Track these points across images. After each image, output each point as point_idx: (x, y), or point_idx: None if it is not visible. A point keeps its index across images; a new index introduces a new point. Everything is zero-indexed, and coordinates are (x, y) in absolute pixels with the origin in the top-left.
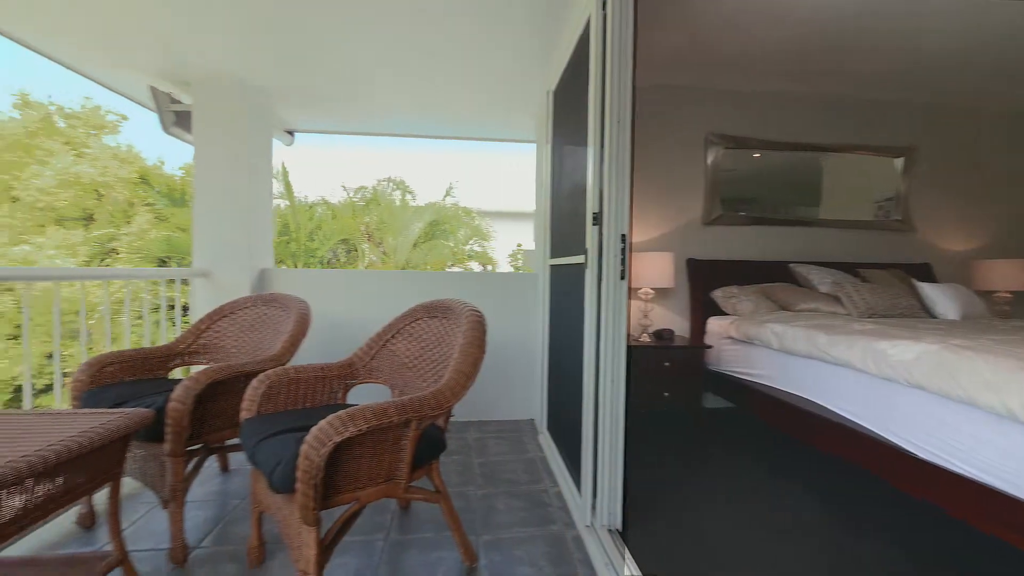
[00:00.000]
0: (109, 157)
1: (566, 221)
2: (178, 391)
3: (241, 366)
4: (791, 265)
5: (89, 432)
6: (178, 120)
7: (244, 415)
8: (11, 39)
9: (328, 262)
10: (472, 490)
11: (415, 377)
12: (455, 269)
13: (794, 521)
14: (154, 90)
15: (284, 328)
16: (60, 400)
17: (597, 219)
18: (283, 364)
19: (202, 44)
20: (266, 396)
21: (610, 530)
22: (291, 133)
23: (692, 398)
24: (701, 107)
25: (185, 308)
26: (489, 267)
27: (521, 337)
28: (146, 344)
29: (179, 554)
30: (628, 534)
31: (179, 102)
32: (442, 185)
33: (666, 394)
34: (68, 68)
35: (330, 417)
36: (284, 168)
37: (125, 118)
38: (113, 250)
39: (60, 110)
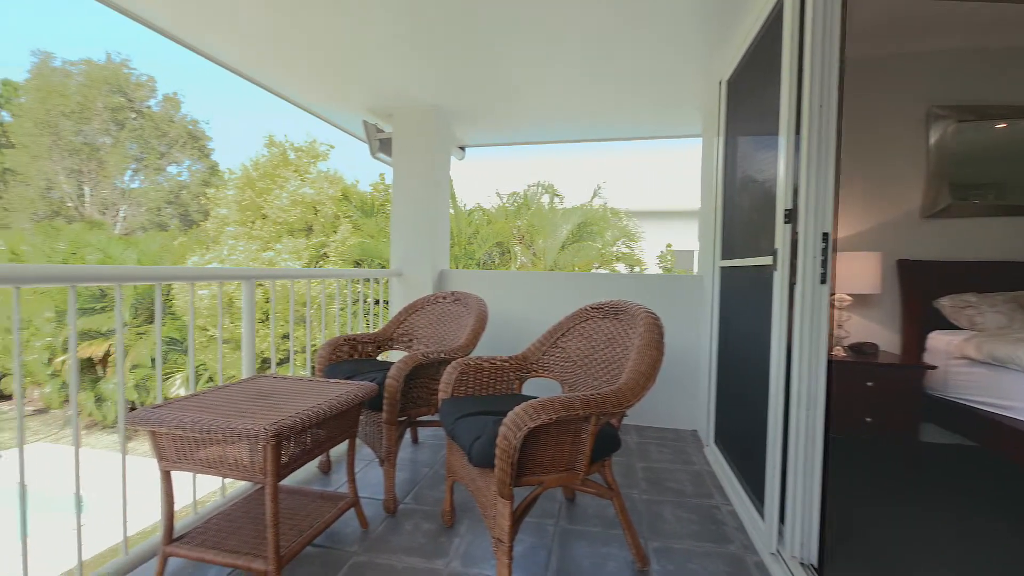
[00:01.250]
0: (322, 180)
1: (743, 219)
2: (392, 370)
3: (437, 353)
4: None
5: (342, 396)
6: (381, 146)
7: (441, 396)
8: (258, 85)
9: (483, 264)
10: (636, 493)
11: (585, 375)
12: (601, 271)
13: None
14: (365, 123)
15: (465, 322)
16: (293, 369)
17: (790, 216)
18: (467, 354)
19: (403, 80)
20: (458, 381)
21: (803, 563)
22: (463, 148)
23: (904, 427)
24: (920, 76)
25: (377, 301)
26: (636, 269)
27: (683, 343)
28: (348, 331)
29: (391, 505)
30: (825, 571)
31: (382, 131)
32: (589, 187)
33: (868, 420)
34: (301, 108)
35: (524, 405)
36: (450, 180)
37: (332, 147)
38: (324, 254)
39: (292, 145)
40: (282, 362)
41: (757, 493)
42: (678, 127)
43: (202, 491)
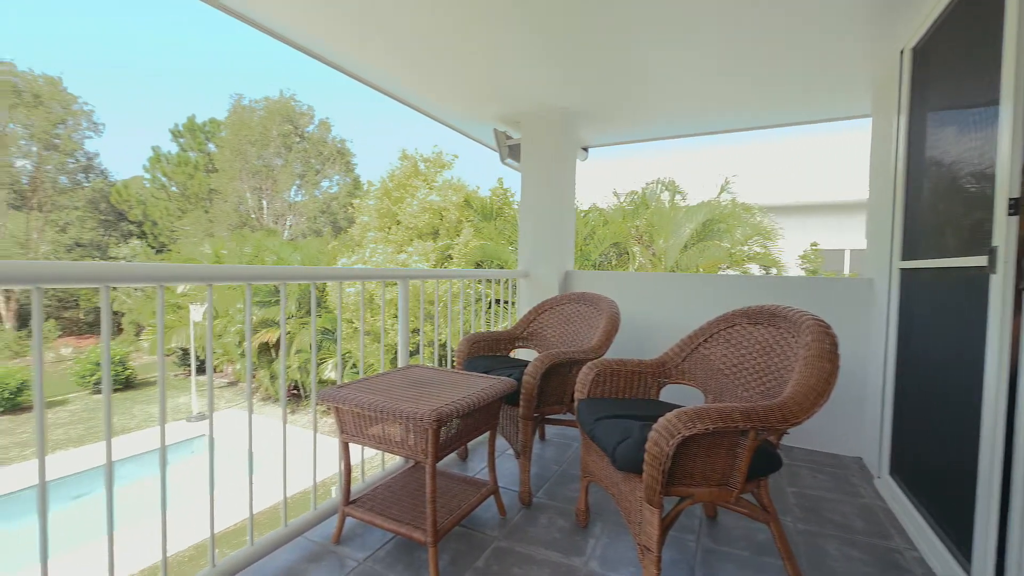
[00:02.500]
0: (447, 187)
1: (935, 211)
2: (530, 368)
3: (571, 353)
4: None
5: (488, 389)
6: (510, 152)
7: (577, 396)
8: (401, 102)
9: (598, 265)
10: (789, 521)
11: (733, 385)
12: (729, 272)
13: None
14: (496, 131)
15: (596, 324)
16: (423, 360)
17: (1016, 207)
18: (600, 356)
19: (533, 85)
20: (594, 382)
21: None
22: (586, 149)
23: None
24: None
25: (497, 301)
26: (773, 270)
27: (846, 357)
28: (470, 329)
29: (526, 497)
30: None
31: (511, 138)
32: (714, 182)
33: None
34: (438, 121)
35: (677, 412)
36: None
37: (456, 157)
38: (449, 256)
39: (421, 157)
40: (411, 355)
41: (959, 543)
42: (835, 108)
43: (327, 469)
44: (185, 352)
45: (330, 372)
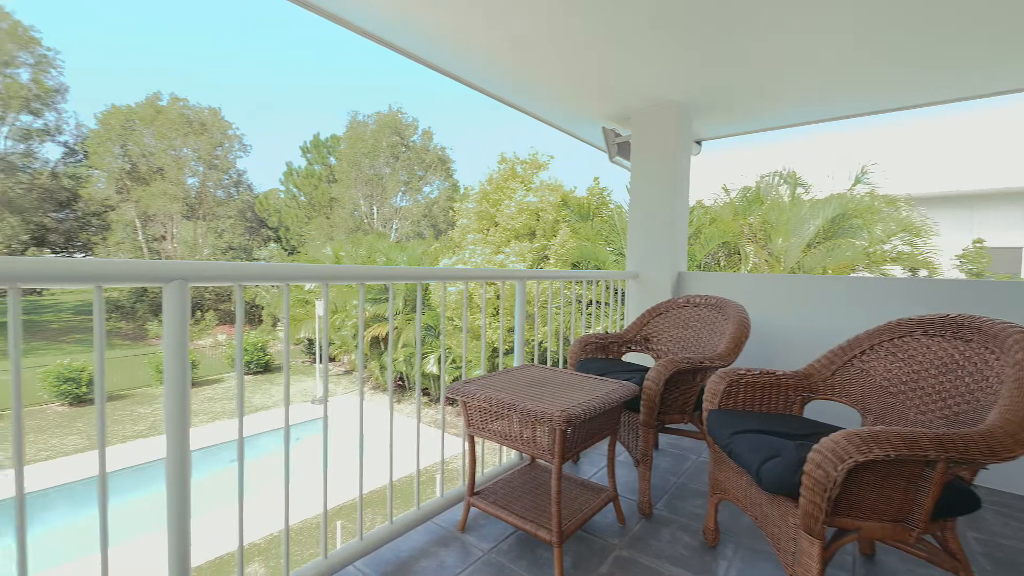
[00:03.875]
0: (544, 188)
1: None
2: (652, 373)
3: (696, 360)
4: None
5: (611, 394)
6: (619, 150)
7: (707, 406)
8: (508, 104)
9: (704, 266)
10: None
11: (903, 406)
12: (863, 274)
13: None
14: (604, 129)
15: (722, 329)
16: (518, 360)
17: None
18: (728, 364)
19: (644, 79)
20: (726, 392)
21: None
22: (699, 143)
23: None
24: None
25: (598, 303)
26: (923, 272)
27: None
28: (579, 332)
29: (646, 508)
30: None
31: (620, 135)
32: (847, 172)
33: None
34: (544, 122)
35: (846, 433)
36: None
37: (552, 158)
38: (546, 257)
39: (518, 159)
40: (507, 353)
41: None
42: (997, 80)
43: (418, 460)
44: (311, 342)
45: (432, 366)
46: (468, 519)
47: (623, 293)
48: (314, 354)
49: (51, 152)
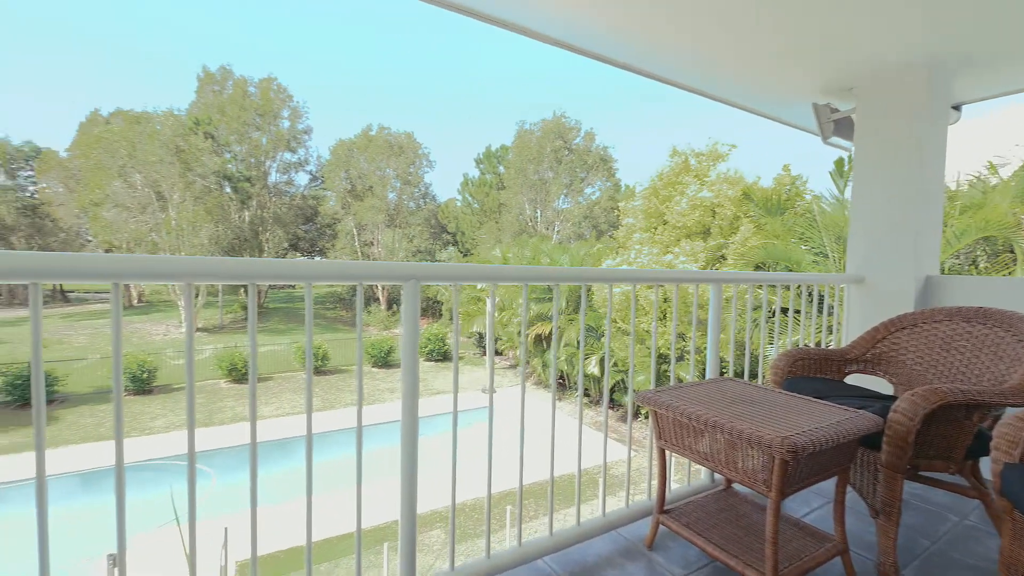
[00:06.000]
0: (721, 181)
1: None
2: (905, 404)
3: (973, 394)
4: None
5: (846, 424)
6: (837, 128)
7: (1002, 458)
8: (692, 91)
9: (950, 268)
10: None
11: None
12: None
13: None
14: (816, 106)
15: (1011, 355)
16: (711, 371)
17: None
18: None
19: (875, 41)
20: None
21: None
22: (957, 108)
23: None
24: None
25: (784, 311)
26: None
27: None
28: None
29: (890, 571)
30: None
31: (837, 110)
32: None
33: None
34: (733, 106)
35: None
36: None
37: (734, 147)
38: (722, 256)
39: (693, 152)
40: (678, 359)
41: None
42: None
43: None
44: (481, 336)
45: (593, 367)
46: (656, 537)
47: (824, 299)
48: (483, 347)
49: (302, 179)
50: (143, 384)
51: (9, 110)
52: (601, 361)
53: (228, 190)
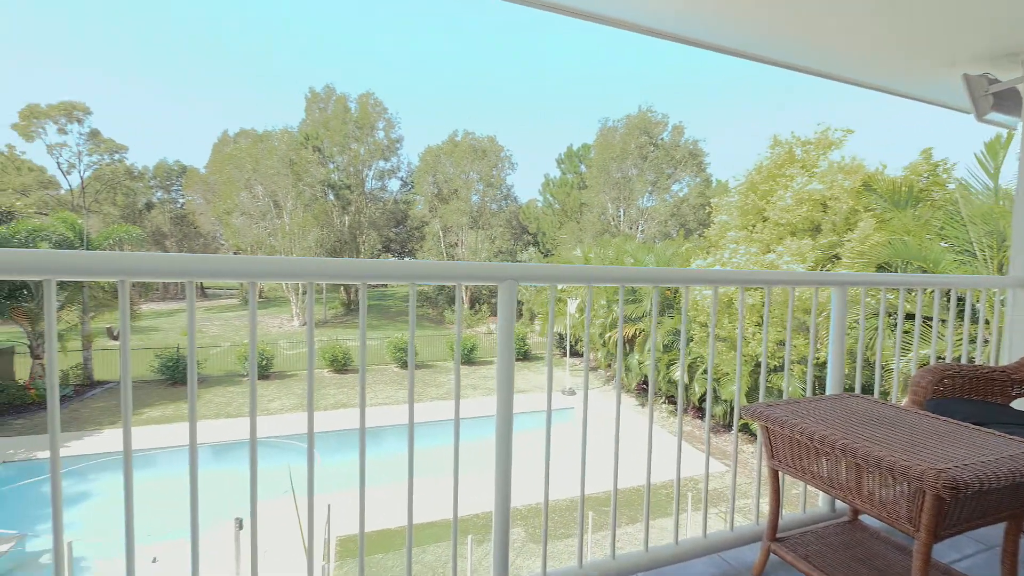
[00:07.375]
0: (835, 171)
1: None
2: None
3: None
4: None
5: (1020, 458)
6: (996, 102)
7: None
8: (812, 73)
9: None
10: None
11: None
12: None
13: None
14: (968, 77)
15: None
16: (788, 381)
17: None
18: None
19: None
20: None
21: None
22: None
23: None
24: None
25: (910, 317)
26: None
27: None
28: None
29: None
30: None
31: (997, 81)
32: None
33: None
34: (858, 85)
35: None
36: None
37: (851, 131)
38: (835, 256)
39: (798, 140)
40: (773, 370)
41: None
42: None
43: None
44: (561, 337)
45: (678, 374)
46: (767, 566)
47: (972, 306)
48: (564, 348)
49: (394, 185)
50: (262, 370)
51: (160, 130)
52: (688, 368)
53: (331, 197)
